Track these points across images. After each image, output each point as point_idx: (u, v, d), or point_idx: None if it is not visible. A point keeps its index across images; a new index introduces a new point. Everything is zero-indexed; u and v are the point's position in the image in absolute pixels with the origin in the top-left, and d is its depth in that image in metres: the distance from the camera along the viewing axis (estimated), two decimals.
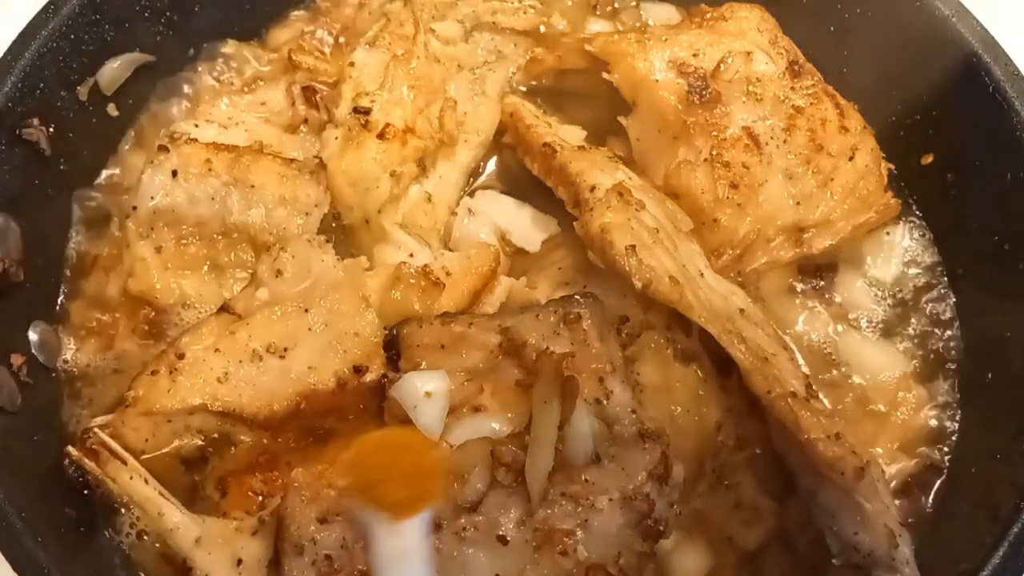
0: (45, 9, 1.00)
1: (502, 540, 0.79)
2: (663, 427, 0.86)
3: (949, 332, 1.07)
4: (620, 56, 1.06)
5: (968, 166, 1.07)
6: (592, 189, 0.96)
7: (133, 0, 1.08)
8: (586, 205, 0.95)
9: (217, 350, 0.91)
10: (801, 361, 1.01)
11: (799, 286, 1.07)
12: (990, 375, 1.02)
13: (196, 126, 1.07)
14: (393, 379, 0.88)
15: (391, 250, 1.02)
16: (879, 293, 1.08)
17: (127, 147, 1.11)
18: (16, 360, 0.93)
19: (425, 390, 0.85)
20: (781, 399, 0.85)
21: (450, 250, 1.04)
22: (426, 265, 0.98)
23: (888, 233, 1.11)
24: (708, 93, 1.02)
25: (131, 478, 0.88)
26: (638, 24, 1.24)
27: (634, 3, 1.26)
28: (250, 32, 1.20)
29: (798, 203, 1.04)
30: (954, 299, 1.08)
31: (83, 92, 1.05)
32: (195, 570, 0.85)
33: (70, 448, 0.90)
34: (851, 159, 1.05)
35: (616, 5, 1.26)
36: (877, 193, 1.08)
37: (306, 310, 0.92)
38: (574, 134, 1.10)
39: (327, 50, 1.18)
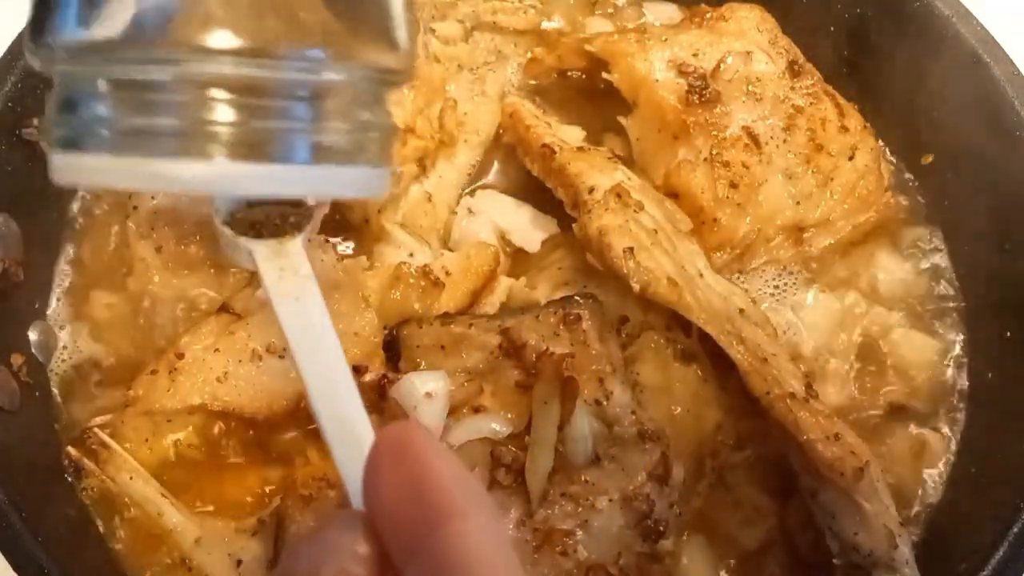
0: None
1: None
2: (663, 427, 0.86)
3: (949, 332, 1.07)
4: (620, 56, 1.06)
5: (968, 166, 1.07)
6: (590, 191, 0.96)
7: None
8: (584, 207, 0.95)
9: (217, 350, 0.91)
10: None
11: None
12: (990, 375, 1.02)
13: None
14: (393, 379, 0.88)
15: (391, 250, 1.02)
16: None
17: None
18: (16, 360, 0.93)
19: (425, 390, 0.85)
20: (780, 400, 0.85)
21: (450, 250, 1.04)
22: (426, 265, 0.98)
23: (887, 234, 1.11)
24: (708, 93, 1.02)
25: (131, 478, 0.88)
26: (639, 24, 1.24)
27: (633, 1, 1.26)
28: None
29: (798, 203, 1.04)
30: (953, 299, 1.08)
31: None
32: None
33: (70, 448, 0.90)
34: (851, 159, 1.05)
35: (617, 4, 1.26)
36: (877, 193, 1.08)
37: None
38: (574, 134, 1.10)
39: None
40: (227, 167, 0.56)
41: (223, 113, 0.56)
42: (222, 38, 0.55)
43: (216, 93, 0.56)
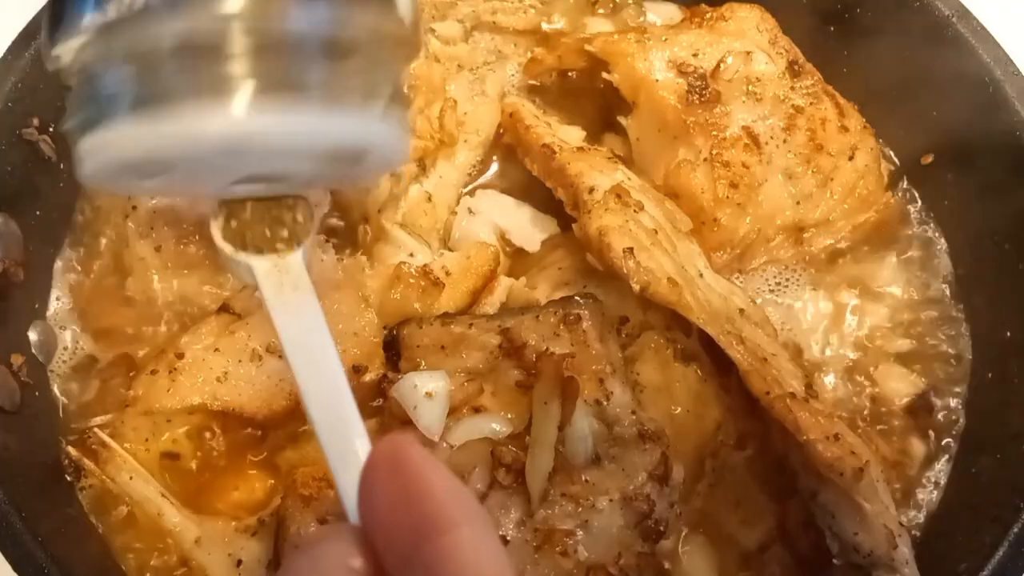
0: (45, 8, 1.00)
1: (502, 540, 0.79)
2: (663, 428, 0.86)
3: (949, 332, 1.07)
4: (620, 56, 1.06)
5: (968, 166, 1.07)
6: (590, 191, 0.96)
7: None
8: (584, 207, 0.95)
9: (217, 350, 0.91)
10: None
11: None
12: (990, 374, 1.02)
13: None
14: (393, 379, 0.88)
15: (391, 250, 1.02)
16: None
17: None
18: (16, 360, 0.93)
19: (426, 390, 0.85)
20: (780, 400, 0.85)
21: (450, 250, 1.04)
22: (426, 265, 0.98)
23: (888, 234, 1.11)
24: (708, 93, 1.02)
25: (131, 478, 0.88)
26: (639, 24, 1.24)
27: (633, 0, 1.26)
28: None
29: (798, 202, 1.04)
30: (954, 299, 1.08)
31: None
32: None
33: (70, 448, 0.90)
34: (851, 159, 1.05)
35: (617, 4, 1.25)
36: (877, 193, 1.08)
37: None
38: (574, 134, 1.10)
39: None
40: (247, 119, 0.58)
41: (237, 66, 0.57)
42: None
43: (230, 47, 0.57)
